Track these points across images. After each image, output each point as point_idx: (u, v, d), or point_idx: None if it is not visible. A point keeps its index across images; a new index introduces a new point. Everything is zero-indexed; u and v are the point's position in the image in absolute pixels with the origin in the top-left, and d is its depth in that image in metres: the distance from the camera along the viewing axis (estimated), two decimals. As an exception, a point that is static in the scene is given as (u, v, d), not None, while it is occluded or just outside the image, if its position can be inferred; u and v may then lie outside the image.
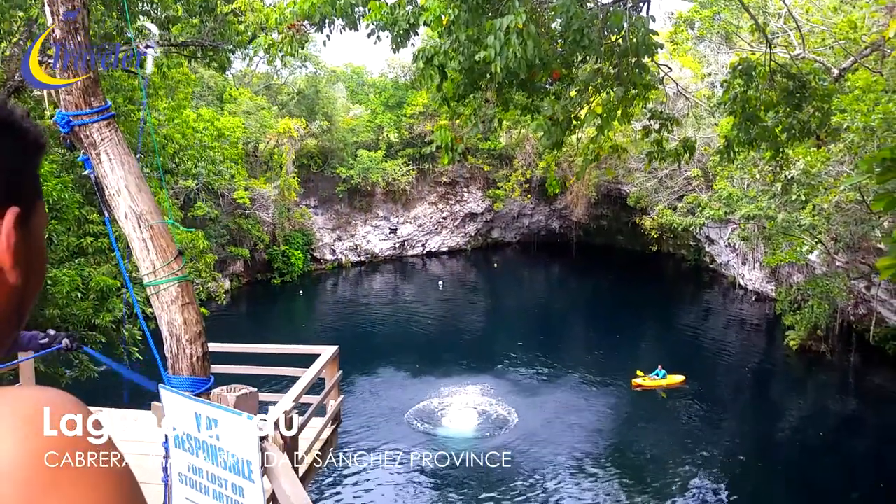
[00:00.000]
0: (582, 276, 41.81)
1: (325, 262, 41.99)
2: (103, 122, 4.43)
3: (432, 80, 7.06)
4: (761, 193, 21.74)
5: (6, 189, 0.79)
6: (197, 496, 4.36)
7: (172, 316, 4.68)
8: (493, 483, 16.92)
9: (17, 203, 0.79)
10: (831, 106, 9.88)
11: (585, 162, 8.60)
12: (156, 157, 12.16)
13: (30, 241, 0.82)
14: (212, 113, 26.26)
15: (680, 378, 22.80)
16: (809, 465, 18.15)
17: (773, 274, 31.08)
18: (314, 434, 6.76)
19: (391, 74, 44.32)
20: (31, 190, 0.84)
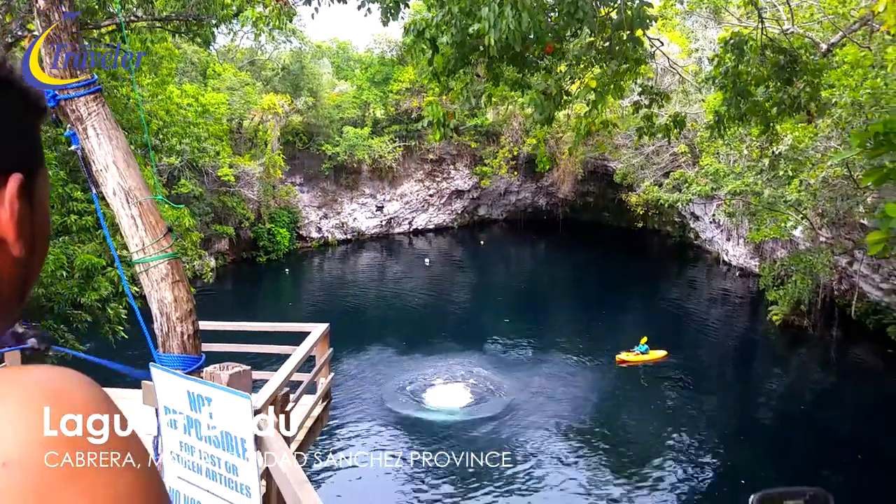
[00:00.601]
0: (568, 253, 41.93)
1: (311, 240, 41.81)
2: (90, 96, 4.32)
3: (423, 54, 6.97)
4: (748, 169, 21.80)
5: (7, 154, 0.73)
6: (189, 474, 4.33)
7: (162, 294, 4.62)
8: (480, 458, 17.05)
9: (19, 169, 0.73)
10: (822, 81, 9.88)
11: (578, 137, 8.54)
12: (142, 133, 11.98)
13: (34, 211, 0.77)
14: (196, 89, 25.90)
15: (662, 353, 22.99)
16: (791, 438, 18.42)
17: (757, 250, 31.33)
18: (305, 411, 6.74)
19: (377, 50, 43.87)
20: (33, 155, 0.78)
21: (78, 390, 0.62)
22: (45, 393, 0.59)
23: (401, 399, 20.07)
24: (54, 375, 0.62)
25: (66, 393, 0.60)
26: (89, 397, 0.62)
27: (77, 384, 0.62)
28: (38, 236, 0.78)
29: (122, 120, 12.35)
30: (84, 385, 0.63)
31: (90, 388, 0.63)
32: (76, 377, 0.64)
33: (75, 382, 0.62)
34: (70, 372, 0.64)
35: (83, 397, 0.61)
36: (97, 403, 0.62)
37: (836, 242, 21.73)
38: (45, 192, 0.80)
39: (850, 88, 14.07)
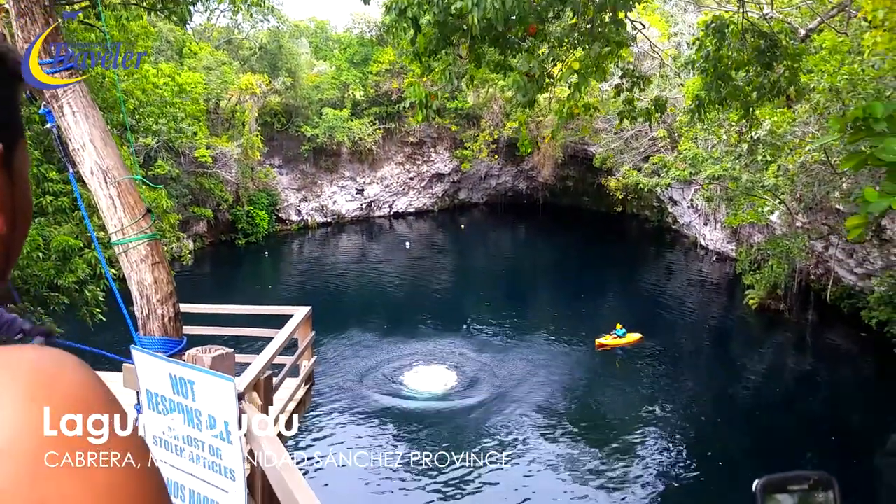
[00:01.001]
0: (548, 237, 42.09)
1: (290, 223, 41.54)
2: (65, 73, 4.22)
3: (405, 34, 6.89)
4: (726, 154, 21.96)
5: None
6: (172, 458, 4.29)
7: (142, 275, 4.56)
8: (461, 440, 17.17)
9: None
10: (801, 65, 9.95)
11: (560, 121, 8.53)
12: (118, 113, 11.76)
13: (14, 185, 0.72)
14: (172, 68, 25.48)
15: (637, 336, 23.22)
16: (766, 420, 18.73)
17: (734, 234, 31.64)
18: (288, 394, 6.71)
19: (356, 30, 43.42)
20: (12, 125, 0.74)
21: (69, 372, 0.59)
22: (36, 376, 0.56)
23: (382, 382, 20.11)
24: (44, 356, 0.59)
25: (58, 375, 0.57)
26: (81, 380, 0.59)
27: (68, 365, 0.59)
28: (20, 210, 0.74)
29: (98, 99, 12.10)
30: (75, 367, 0.60)
31: (81, 370, 0.60)
32: (66, 358, 0.60)
33: (66, 364, 0.59)
34: (59, 352, 0.61)
35: (75, 380, 0.58)
36: (89, 386, 0.59)
37: (812, 227, 22.01)
38: (25, 165, 0.76)
39: (827, 74, 14.19)
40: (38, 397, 0.54)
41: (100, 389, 0.60)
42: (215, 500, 4.15)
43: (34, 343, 4.04)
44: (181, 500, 4.36)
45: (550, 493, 15.05)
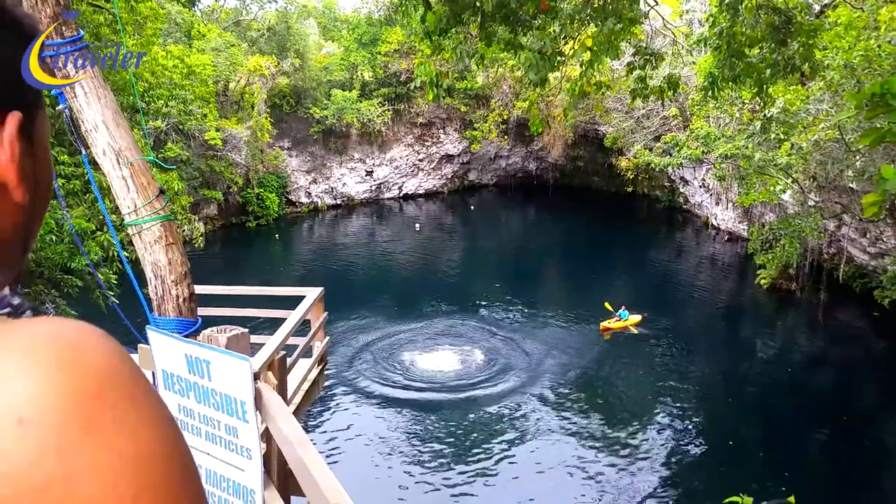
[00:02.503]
0: (558, 218, 41.96)
1: (300, 205, 41.58)
2: (77, 54, 4.21)
3: (415, 11, 6.84)
4: (738, 132, 21.75)
5: (4, 91, 0.68)
6: (189, 438, 4.33)
7: (157, 256, 4.57)
8: (471, 421, 17.26)
9: (18, 108, 0.68)
10: (816, 42, 9.80)
11: (572, 99, 8.46)
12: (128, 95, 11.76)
13: (35, 153, 0.71)
14: (181, 50, 25.42)
15: (638, 317, 23.11)
16: (778, 400, 18.72)
17: (746, 214, 31.44)
18: (302, 375, 6.75)
19: (364, 10, 43.11)
20: (32, 93, 0.72)
21: (94, 342, 0.58)
22: (61, 344, 0.55)
23: (393, 363, 20.22)
24: (67, 326, 0.58)
25: (83, 345, 0.56)
26: (106, 349, 0.58)
27: (92, 336, 0.58)
28: (40, 181, 0.73)
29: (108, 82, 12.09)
30: (100, 337, 0.59)
31: (105, 340, 0.59)
32: (89, 328, 0.59)
33: (91, 334, 0.58)
34: (83, 323, 0.60)
35: (100, 348, 0.57)
36: (115, 356, 0.58)
37: (825, 206, 21.83)
38: (45, 134, 0.75)
39: (842, 50, 13.99)
40: (64, 368, 0.53)
41: (126, 361, 0.59)
42: (232, 479, 4.19)
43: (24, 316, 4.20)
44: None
45: (561, 474, 15.13)
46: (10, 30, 0.70)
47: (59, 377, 0.53)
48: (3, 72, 0.68)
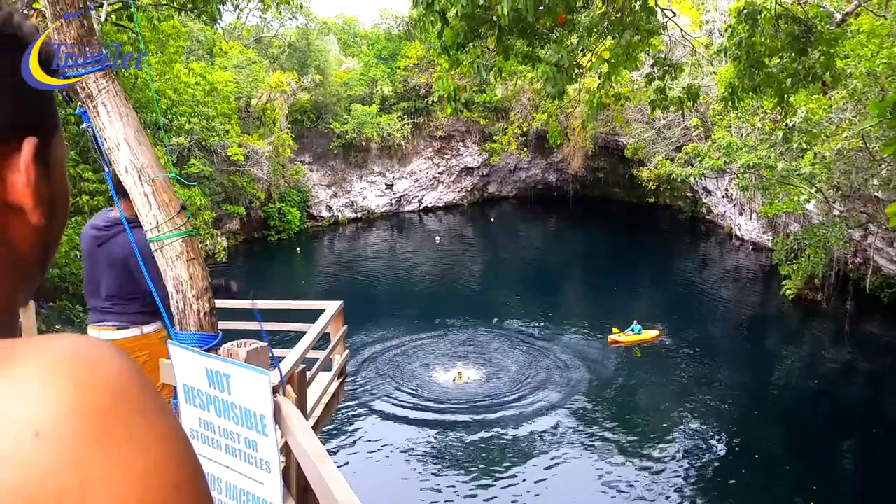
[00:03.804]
0: (579, 230, 41.80)
1: (321, 219, 41.83)
2: (100, 73, 4.29)
3: (432, 27, 6.89)
4: (761, 142, 21.56)
5: (21, 117, 0.70)
6: (209, 451, 4.36)
7: (178, 271, 4.61)
8: (493, 436, 17.17)
9: (34, 133, 0.70)
10: (837, 51, 9.72)
11: (592, 110, 8.46)
12: (151, 112, 11.95)
13: (51, 177, 0.74)
14: (203, 67, 25.79)
15: (655, 332, 22.80)
16: (804, 413, 18.42)
17: (770, 224, 31.11)
18: (321, 388, 6.77)
19: (383, 25, 43.49)
20: (48, 118, 0.75)
21: (109, 359, 0.59)
22: (76, 361, 0.57)
23: (413, 376, 20.20)
24: (83, 343, 0.60)
25: (99, 362, 0.58)
26: (119, 365, 0.60)
27: (107, 353, 0.60)
28: (57, 203, 0.76)
29: (131, 99, 12.31)
30: (115, 354, 0.61)
31: (118, 356, 0.61)
32: (107, 345, 0.61)
33: (105, 351, 0.60)
34: (98, 340, 0.62)
35: (113, 365, 0.59)
36: (128, 373, 0.59)
37: (850, 216, 21.53)
38: (62, 157, 0.77)
39: (865, 59, 13.84)
40: (79, 383, 0.55)
41: (139, 377, 0.61)
42: (251, 492, 4.20)
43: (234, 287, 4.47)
44: (218, 492, 4.43)
45: (584, 489, 14.99)
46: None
47: (75, 393, 0.54)
48: (21, 100, 0.71)
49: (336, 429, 16.98)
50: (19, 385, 0.54)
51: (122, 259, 4.91)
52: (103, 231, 4.99)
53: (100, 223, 5.05)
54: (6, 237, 0.70)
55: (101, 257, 5.04)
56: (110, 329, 5.07)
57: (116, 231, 4.97)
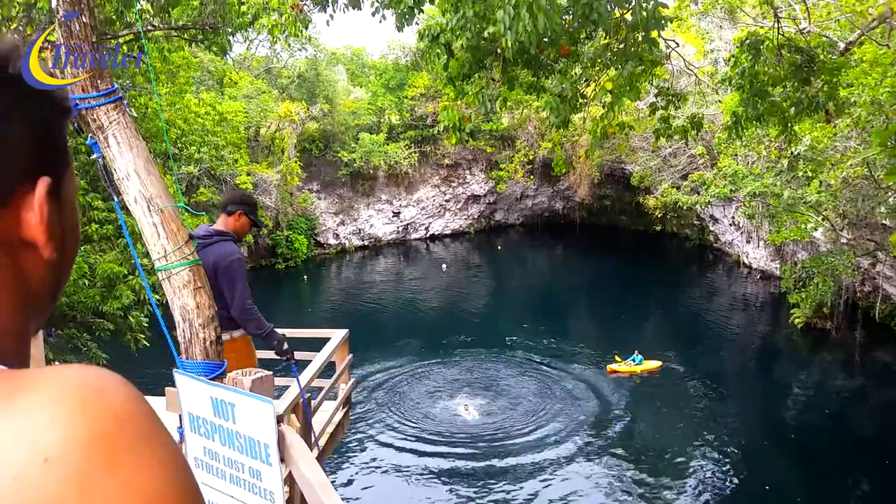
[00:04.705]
0: (585, 257, 41.77)
1: (328, 247, 41.97)
2: (111, 105, 4.38)
3: (438, 59, 7.00)
4: (766, 170, 21.61)
5: (35, 159, 0.74)
6: (213, 480, 4.35)
7: (185, 300, 4.65)
8: (499, 467, 17.01)
9: (47, 172, 0.74)
10: (840, 80, 9.79)
11: (595, 140, 8.52)
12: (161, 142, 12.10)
13: (63, 213, 0.78)
14: (213, 97, 26.10)
15: (657, 363, 22.58)
16: (815, 443, 18.19)
17: (778, 252, 31.02)
18: (326, 417, 6.76)
19: (391, 56, 44.01)
20: (60, 157, 0.79)
21: (115, 388, 0.63)
22: (84, 390, 0.60)
23: (418, 405, 20.08)
24: (90, 373, 0.63)
25: (105, 391, 0.61)
26: (124, 394, 0.63)
27: (114, 381, 0.64)
28: (68, 237, 0.80)
29: (142, 129, 12.48)
30: (120, 383, 0.64)
31: (124, 385, 0.64)
32: (112, 375, 0.65)
33: (112, 380, 0.64)
34: (104, 370, 0.65)
35: (119, 393, 0.62)
36: (134, 402, 0.63)
37: (857, 244, 21.46)
38: (73, 194, 0.82)
39: (869, 87, 13.91)
40: (87, 411, 0.58)
41: (144, 405, 0.64)
42: (255, 523, 4.18)
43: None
44: (222, 522, 4.41)
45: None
46: (40, 104, 0.77)
47: (82, 420, 0.58)
48: (34, 142, 0.75)
49: (341, 459, 16.87)
50: (30, 413, 0.57)
51: (213, 267, 5.22)
52: (201, 239, 5.31)
53: (200, 233, 5.41)
54: (20, 270, 0.74)
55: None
56: None
57: (212, 241, 5.39)
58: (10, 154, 0.72)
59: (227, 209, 5.61)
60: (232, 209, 5.60)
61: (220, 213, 5.66)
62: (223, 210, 5.63)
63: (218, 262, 5.26)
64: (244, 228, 5.64)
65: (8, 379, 0.62)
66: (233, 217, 5.58)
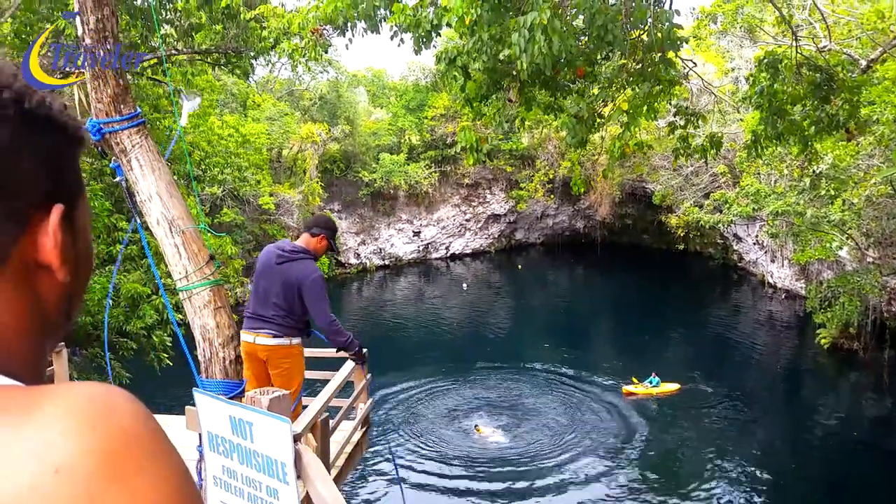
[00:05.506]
0: (607, 277, 41.51)
1: (349, 266, 42.16)
2: (133, 129, 4.49)
3: (455, 81, 7.08)
4: (789, 189, 21.42)
5: (50, 188, 0.79)
6: (231, 499, 4.39)
7: (205, 320, 4.72)
8: (519, 491, 16.86)
9: (61, 199, 0.80)
10: (861, 98, 9.73)
11: (612, 160, 8.54)
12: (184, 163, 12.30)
13: (76, 237, 0.83)
14: (236, 120, 26.50)
15: (674, 387, 22.24)
16: (844, 467, 17.83)
17: (803, 271, 30.62)
18: (344, 437, 6.77)
19: (411, 77, 44.42)
20: (73, 185, 0.84)
21: (123, 405, 0.68)
22: (93, 407, 0.65)
23: (437, 426, 19.99)
24: (100, 390, 0.68)
25: (114, 407, 0.66)
26: (132, 411, 0.68)
27: (122, 398, 0.69)
28: (82, 260, 0.84)
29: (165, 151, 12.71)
30: (129, 400, 0.69)
31: (132, 403, 0.69)
32: (122, 392, 0.70)
33: (120, 397, 0.69)
34: (113, 387, 0.71)
35: (127, 410, 0.67)
36: (141, 418, 0.67)
37: (883, 262, 21.15)
38: (86, 219, 0.87)
39: (891, 105, 13.79)
40: (96, 427, 0.63)
41: (151, 422, 0.69)
42: (272, 542, 4.20)
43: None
44: (240, 540, 4.44)
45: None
46: (56, 137, 0.82)
47: (91, 435, 0.62)
48: (50, 172, 0.80)
49: (358, 479, 16.81)
50: (43, 427, 0.62)
51: (295, 282, 5.81)
52: (288, 254, 5.91)
53: (286, 247, 6.00)
54: (37, 292, 0.80)
55: (277, 275, 5.88)
56: (267, 336, 5.88)
57: (297, 258, 5.92)
58: (27, 183, 0.77)
59: (312, 231, 6.11)
60: (316, 232, 6.10)
61: (305, 232, 6.14)
62: (308, 231, 6.13)
63: (301, 279, 5.83)
64: (322, 250, 6.15)
65: (24, 395, 0.67)
66: (315, 238, 6.07)
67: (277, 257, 5.95)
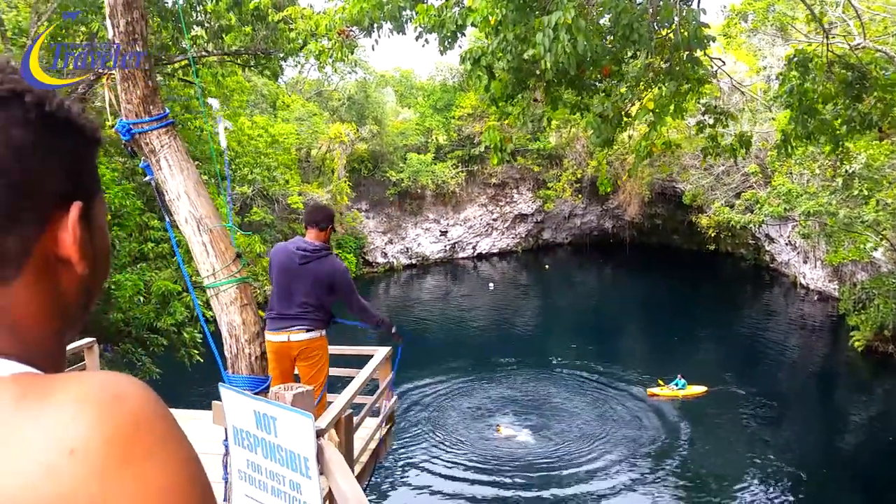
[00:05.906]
0: (636, 277, 41.15)
1: (377, 266, 42.37)
2: (162, 130, 4.59)
3: (480, 81, 7.10)
4: (822, 189, 21.05)
5: (69, 187, 0.84)
6: (256, 492, 4.46)
7: (232, 317, 4.81)
8: (544, 497, 16.81)
9: (79, 197, 0.84)
10: (894, 96, 9.54)
11: (638, 159, 8.49)
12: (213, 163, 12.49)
13: (93, 233, 0.88)
14: (266, 120, 26.80)
15: (701, 389, 21.93)
16: (880, 472, 17.46)
17: (836, 272, 30.07)
18: (368, 434, 6.83)
19: (439, 77, 44.50)
20: (91, 184, 0.89)
21: (134, 392, 0.72)
22: (106, 394, 0.70)
23: (463, 425, 19.99)
24: (113, 378, 0.73)
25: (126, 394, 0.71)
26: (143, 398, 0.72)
27: (134, 386, 0.73)
28: (99, 255, 0.89)
29: (196, 151, 12.93)
30: (140, 388, 0.74)
31: (143, 390, 0.74)
32: (133, 381, 0.75)
33: (132, 385, 0.73)
34: (125, 376, 0.76)
35: (138, 397, 0.72)
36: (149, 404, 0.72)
37: (920, 263, 20.69)
38: (102, 215, 0.92)
39: (928, 103, 13.47)
40: (108, 412, 0.68)
41: (161, 409, 0.74)
42: (296, 535, 4.27)
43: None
44: (264, 533, 4.51)
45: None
46: (74, 137, 0.87)
47: (104, 420, 0.67)
48: (69, 172, 0.85)
49: (382, 475, 16.89)
50: (58, 412, 0.67)
51: (326, 279, 6.07)
52: (311, 254, 6.10)
53: (308, 247, 6.15)
54: (57, 284, 0.85)
55: (304, 273, 6.07)
56: (301, 331, 6.10)
57: (321, 255, 6.14)
58: (49, 183, 0.82)
59: (320, 226, 6.24)
60: (324, 226, 6.26)
61: (313, 228, 6.23)
62: (316, 226, 6.22)
63: (332, 274, 6.10)
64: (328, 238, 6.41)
65: (43, 382, 0.73)
66: (324, 232, 6.26)
67: (301, 258, 6.11)
